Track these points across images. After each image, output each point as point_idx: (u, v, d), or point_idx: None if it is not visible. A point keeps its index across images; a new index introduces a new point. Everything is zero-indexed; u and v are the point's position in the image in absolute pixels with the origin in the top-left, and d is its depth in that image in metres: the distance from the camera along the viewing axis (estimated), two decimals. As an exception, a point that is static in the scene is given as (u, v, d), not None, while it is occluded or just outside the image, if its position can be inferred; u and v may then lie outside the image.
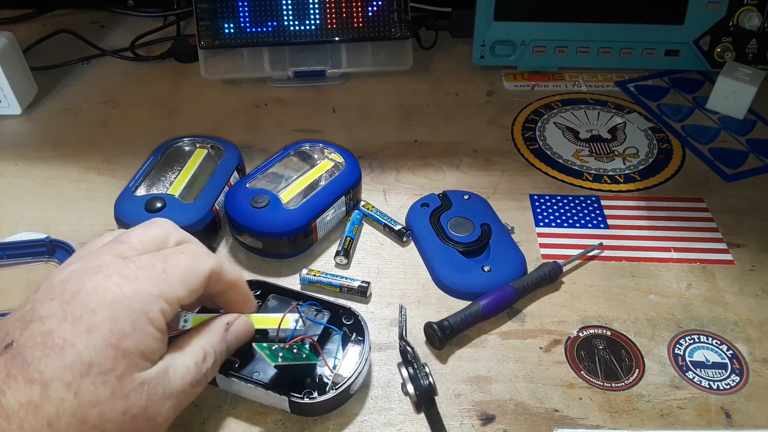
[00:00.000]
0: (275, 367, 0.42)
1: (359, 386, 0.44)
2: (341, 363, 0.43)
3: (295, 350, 0.43)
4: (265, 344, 0.43)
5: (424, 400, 0.41)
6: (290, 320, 0.42)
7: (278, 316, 0.41)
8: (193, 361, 0.36)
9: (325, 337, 0.44)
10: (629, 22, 0.74)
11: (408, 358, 0.43)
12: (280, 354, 0.42)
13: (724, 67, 0.71)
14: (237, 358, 0.42)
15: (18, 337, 0.31)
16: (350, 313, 0.46)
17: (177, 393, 0.34)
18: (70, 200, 0.60)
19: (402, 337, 0.45)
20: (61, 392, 0.30)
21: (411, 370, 0.41)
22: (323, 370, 0.42)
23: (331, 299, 0.47)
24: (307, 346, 0.43)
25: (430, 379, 0.41)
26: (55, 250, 0.54)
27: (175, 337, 0.37)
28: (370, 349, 0.44)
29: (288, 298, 0.47)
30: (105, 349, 0.31)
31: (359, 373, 0.42)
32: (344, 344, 0.44)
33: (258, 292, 0.47)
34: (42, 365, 0.30)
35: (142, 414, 0.32)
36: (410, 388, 0.41)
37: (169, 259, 0.36)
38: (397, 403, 0.44)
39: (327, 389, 0.41)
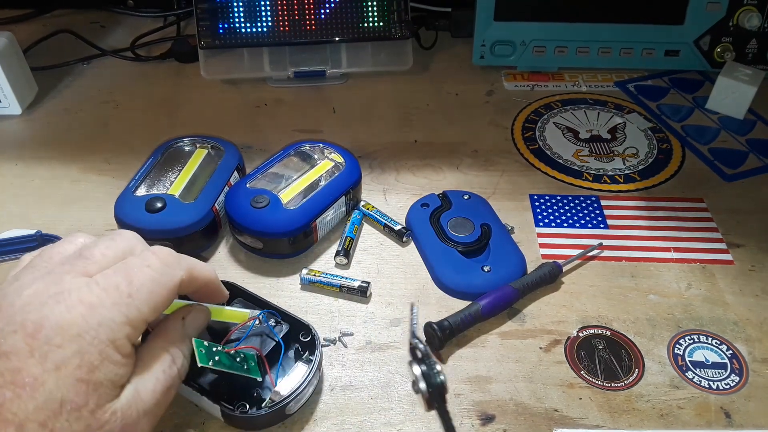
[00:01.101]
0: (202, 368, 0.40)
1: (300, 406, 0.42)
2: (284, 380, 0.41)
3: (238, 359, 0.41)
4: (206, 343, 0.40)
5: (437, 397, 0.41)
6: (249, 320, 0.41)
7: (242, 311, 0.41)
8: (161, 369, 0.36)
9: (279, 351, 0.43)
10: (629, 22, 0.74)
11: (419, 355, 0.43)
12: (217, 357, 0.40)
13: (724, 67, 0.71)
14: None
15: None
16: (309, 331, 0.44)
17: (151, 407, 0.34)
18: (70, 200, 0.60)
19: (414, 335, 0.45)
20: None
21: (424, 368, 0.41)
22: (269, 385, 0.41)
23: (294, 314, 0.46)
24: (254, 357, 0.41)
25: (442, 377, 0.40)
26: (45, 244, 0.54)
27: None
28: (318, 369, 0.43)
29: (253, 304, 0.46)
30: (75, 385, 0.31)
31: (298, 394, 0.41)
32: (295, 361, 0.43)
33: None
34: (15, 406, 0.29)
35: None
36: (422, 386, 0.41)
37: (135, 277, 0.34)
38: (397, 403, 0.44)
39: (262, 405, 0.40)
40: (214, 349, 0.40)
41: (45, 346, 0.31)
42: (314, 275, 0.51)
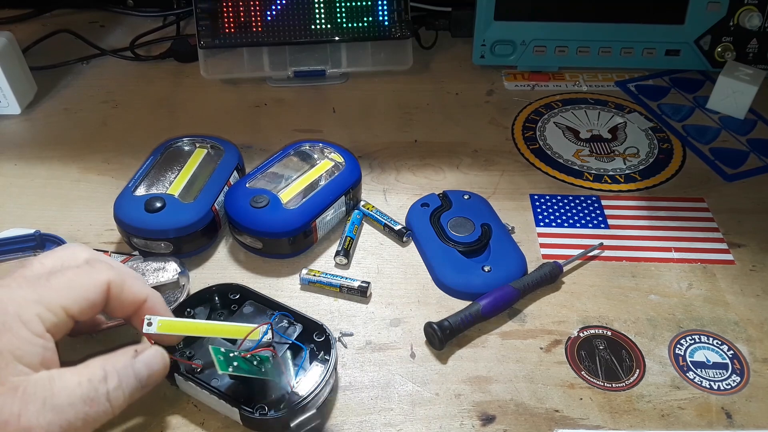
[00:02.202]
0: (227, 375, 0.40)
1: (318, 406, 0.41)
2: (301, 381, 0.41)
3: (255, 362, 0.40)
4: (222, 349, 0.40)
5: None
6: (259, 333, 0.40)
7: (246, 326, 0.40)
8: (87, 377, 0.34)
9: (294, 352, 0.43)
10: (629, 22, 0.74)
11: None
12: (235, 363, 0.39)
13: (724, 67, 0.71)
14: (199, 363, 0.41)
15: None
16: (322, 330, 0.44)
17: (62, 407, 0.32)
18: (69, 200, 0.60)
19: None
20: None
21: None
22: (286, 386, 0.41)
23: (307, 314, 0.45)
24: (270, 360, 0.41)
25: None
26: (44, 243, 0.54)
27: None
28: (335, 369, 0.43)
29: (264, 306, 0.46)
30: None
31: (316, 395, 0.41)
32: (310, 361, 0.43)
33: (237, 296, 0.47)
34: None
35: (14, 421, 0.31)
36: None
37: (60, 271, 0.35)
38: (397, 403, 0.44)
39: (281, 406, 0.40)
40: (231, 354, 0.39)
41: None
42: (314, 275, 0.51)
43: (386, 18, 0.74)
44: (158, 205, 0.52)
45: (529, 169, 0.64)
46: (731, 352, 0.47)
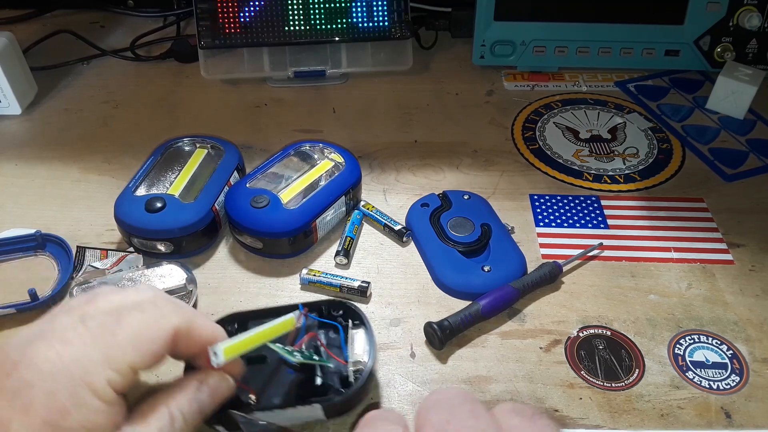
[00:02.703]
0: (297, 365, 0.40)
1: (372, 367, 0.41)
2: (352, 352, 0.41)
3: (305, 351, 0.41)
4: (278, 345, 0.40)
5: None
6: (296, 319, 0.40)
7: (287, 318, 0.40)
8: (156, 426, 0.32)
9: (336, 333, 0.43)
10: (629, 22, 0.74)
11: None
12: (296, 354, 0.40)
13: (724, 67, 0.71)
14: (251, 389, 0.40)
15: None
16: (338, 305, 0.44)
17: None
18: (70, 200, 0.60)
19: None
20: None
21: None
22: (335, 367, 0.41)
23: (315, 298, 0.45)
24: (312, 348, 0.42)
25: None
26: (45, 243, 0.54)
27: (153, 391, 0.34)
28: (370, 328, 0.43)
29: (269, 316, 0.44)
30: (42, 429, 0.28)
31: (373, 354, 0.41)
32: (345, 335, 0.43)
33: (235, 327, 0.44)
34: None
35: None
36: None
37: (124, 317, 0.32)
38: (398, 403, 0.44)
39: (353, 379, 0.40)
40: (288, 348, 0.40)
41: (17, 385, 0.29)
42: (314, 275, 0.51)
43: (386, 18, 0.74)
44: (159, 205, 0.52)
45: (528, 169, 0.64)
46: (730, 351, 0.47)
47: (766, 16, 0.72)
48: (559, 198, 0.60)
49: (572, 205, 0.60)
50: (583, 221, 0.58)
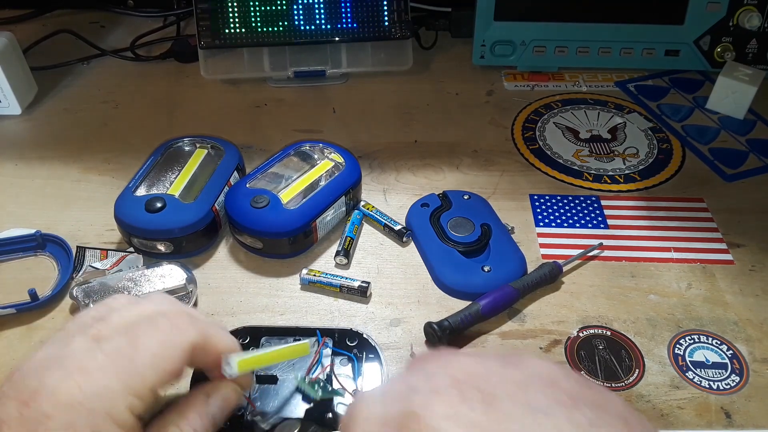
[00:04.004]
0: (318, 400, 0.39)
1: None
2: (363, 387, 0.41)
3: (322, 384, 0.40)
4: (299, 377, 0.40)
5: None
6: (308, 346, 0.40)
7: (302, 342, 0.39)
8: None
9: (350, 364, 0.43)
10: (629, 22, 0.74)
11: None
12: (316, 387, 0.40)
13: (724, 67, 0.71)
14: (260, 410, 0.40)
15: None
16: (353, 334, 0.44)
17: None
18: (70, 200, 0.60)
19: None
20: None
21: None
22: (342, 400, 0.40)
23: (329, 326, 0.45)
24: (324, 378, 0.41)
25: None
26: (45, 243, 0.54)
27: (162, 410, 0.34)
28: (384, 363, 0.43)
29: (282, 335, 0.45)
30: None
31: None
32: (359, 367, 0.43)
33: (247, 340, 0.44)
34: None
35: None
36: None
37: (140, 338, 0.32)
38: (397, 403, 0.44)
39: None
40: (307, 381, 0.40)
41: (36, 416, 0.28)
42: (314, 275, 0.51)
43: (386, 18, 0.74)
44: (159, 205, 0.52)
45: (528, 169, 0.64)
46: (730, 351, 0.47)
47: (766, 16, 0.72)
48: (559, 198, 0.60)
49: (572, 205, 0.60)
50: (583, 221, 0.58)
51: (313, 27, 0.73)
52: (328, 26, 0.73)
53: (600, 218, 0.58)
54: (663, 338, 0.48)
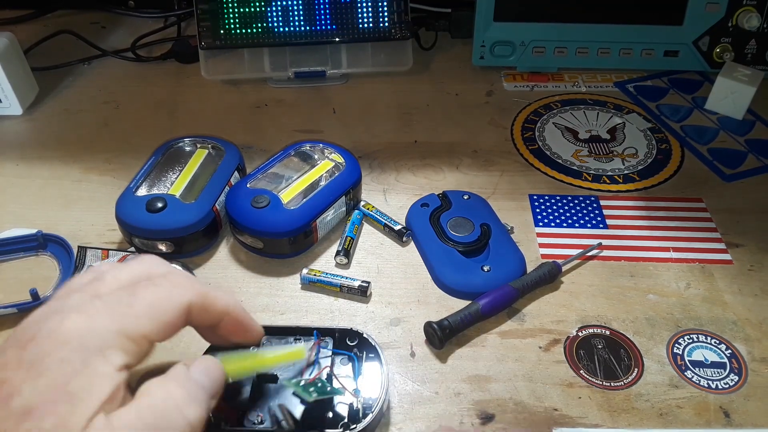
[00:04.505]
0: (312, 402, 0.39)
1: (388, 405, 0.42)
2: (363, 386, 0.41)
3: (319, 384, 0.40)
4: (293, 381, 0.40)
5: None
6: (306, 351, 0.40)
7: (298, 347, 0.39)
8: (147, 403, 0.31)
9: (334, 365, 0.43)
10: (629, 23, 0.74)
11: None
12: (311, 389, 0.39)
13: (723, 68, 0.71)
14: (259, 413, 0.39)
15: None
16: (353, 334, 0.44)
17: None
18: (71, 200, 0.61)
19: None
20: None
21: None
22: (342, 399, 0.40)
23: (329, 326, 0.45)
24: (325, 377, 0.41)
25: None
26: (46, 243, 0.54)
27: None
28: (386, 363, 0.43)
29: (283, 335, 0.44)
30: (49, 392, 0.29)
31: (387, 391, 0.41)
32: (359, 366, 0.43)
33: None
34: None
35: None
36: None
37: (139, 291, 0.33)
38: (397, 402, 0.44)
39: (361, 416, 0.39)
40: (302, 383, 0.40)
41: (32, 356, 0.30)
42: (314, 275, 0.52)
43: (386, 19, 0.74)
44: (159, 205, 0.52)
45: (528, 169, 0.64)
46: (729, 351, 0.47)
47: (765, 16, 0.72)
48: (558, 198, 0.61)
49: (571, 205, 0.60)
50: (582, 221, 0.58)
51: (313, 28, 0.73)
52: (328, 27, 0.73)
53: (599, 218, 0.58)
54: (662, 338, 0.48)
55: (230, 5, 0.72)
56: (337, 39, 0.74)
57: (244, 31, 0.73)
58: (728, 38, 0.74)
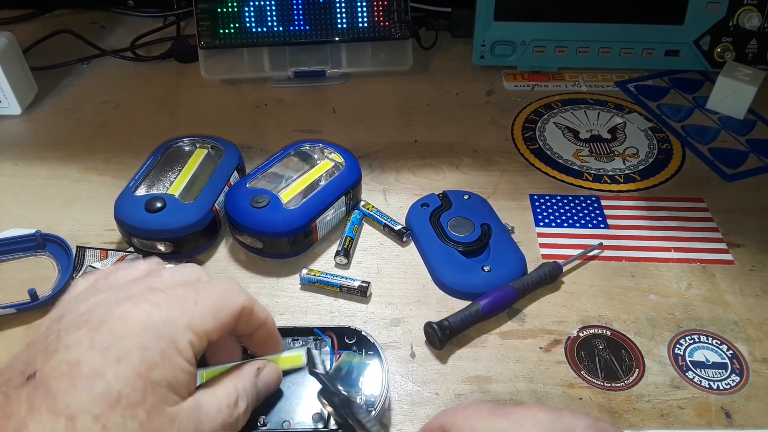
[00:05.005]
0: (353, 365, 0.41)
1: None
2: (364, 384, 0.41)
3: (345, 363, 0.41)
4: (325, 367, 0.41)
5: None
6: (302, 358, 0.40)
7: (285, 355, 0.40)
8: (226, 402, 0.33)
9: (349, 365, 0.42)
10: (629, 22, 0.74)
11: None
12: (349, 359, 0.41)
13: (724, 67, 0.71)
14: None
15: (41, 366, 0.29)
16: (351, 332, 0.44)
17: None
18: (70, 200, 0.60)
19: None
20: (88, 425, 0.28)
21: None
22: (345, 398, 0.40)
23: (328, 325, 0.45)
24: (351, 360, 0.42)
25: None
26: (45, 243, 0.54)
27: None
28: (385, 361, 0.43)
29: (282, 336, 0.43)
30: (134, 380, 0.29)
31: (388, 389, 0.41)
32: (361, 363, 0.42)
33: None
34: (68, 397, 0.28)
35: None
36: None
37: (201, 290, 0.34)
38: (397, 403, 0.44)
39: (364, 415, 0.38)
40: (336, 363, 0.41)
41: (108, 338, 0.30)
42: (314, 275, 0.51)
43: (386, 18, 0.74)
44: (159, 205, 0.52)
45: (528, 169, 0.64)
46: (730, 351, 0.47)
47: (766, 16, 0.72)
48: (559, 198, 0.60)
49: (572, 205, 0.60)
50: (583, 221, 0.58)
51: (312, 27, 0.73)
52: (328, 26, 0.73)
53: (600, 218, 0.58)
54: (663, 338, 0.48)
55: (230, 5, 0.71)
56: (336, 38, 0.74)
57: (243, 30, 0.73)
58: (729, 38, 0.74)
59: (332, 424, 0.39)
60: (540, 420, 0.32)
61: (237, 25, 0.72)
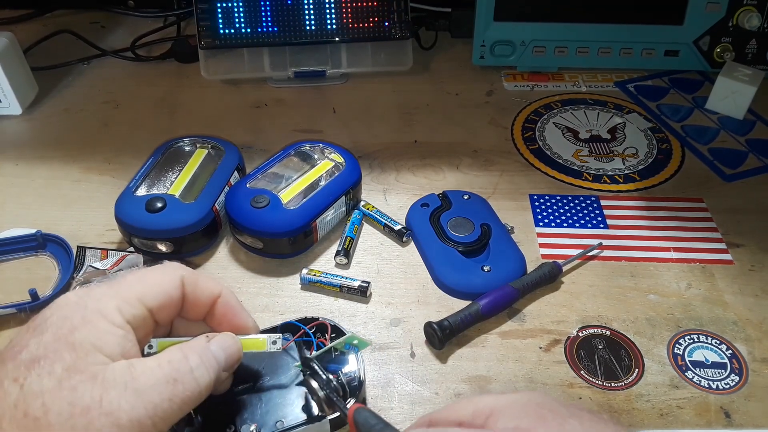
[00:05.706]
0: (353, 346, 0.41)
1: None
2: (341, 363, 0.42)
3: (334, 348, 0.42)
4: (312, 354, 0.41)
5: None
6: (266, 342, 0.40)
7: (248, 338, 0.40)
8: (167, 359, 0.34)
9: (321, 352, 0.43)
10: (629, 23, 0.74)
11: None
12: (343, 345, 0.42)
13: (723, 68, 0.71)
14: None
15: None
16: (309, 320, 0.44)
17: (145, 389, 0.32)
18: (70, 200, 0.60)
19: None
20: (8, 387, 0.31)
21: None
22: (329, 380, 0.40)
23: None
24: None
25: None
26: (46, 243, 0.54)
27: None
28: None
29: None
30: (54, 343, 0.32)
31: (362, 370, 0.41)
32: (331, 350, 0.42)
33: None
34: (1, 372, 0.31)
35: (96, 407, 0.31)
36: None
37: (138, 272, 0.37)
38: (397, 403, 0.44)
39: (355, 391, 0.40)
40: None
41: (38, 321, 0.33)
42: (314, 275, 0.51)
43: (386, 18, 0.74)
44: (159, 205, 0.52)
45: (528, 169, 0.64)
46: (730, 351, 0.47)
47: (765, 16, 0.72)
48: (558, 198, 0.60)
49: (572, 205, 0.60)
50: (582, 221, 0.58)
51: (313, 27, 0.73)
52: (328, 26, 0.73)
53: (599, 218, 0.58)
54: (662, 338, 0.48)
55: (230, 5, 0.72)
56: (336, 38, 0.74)
57: (243, 30, 0.73)
58: (729, 38, 0.74)
59: (316, 410, 0.40)
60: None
61: (237, 25, 0.72)
